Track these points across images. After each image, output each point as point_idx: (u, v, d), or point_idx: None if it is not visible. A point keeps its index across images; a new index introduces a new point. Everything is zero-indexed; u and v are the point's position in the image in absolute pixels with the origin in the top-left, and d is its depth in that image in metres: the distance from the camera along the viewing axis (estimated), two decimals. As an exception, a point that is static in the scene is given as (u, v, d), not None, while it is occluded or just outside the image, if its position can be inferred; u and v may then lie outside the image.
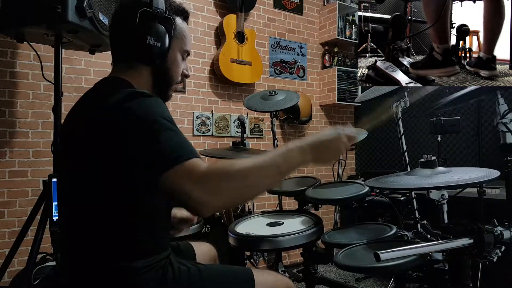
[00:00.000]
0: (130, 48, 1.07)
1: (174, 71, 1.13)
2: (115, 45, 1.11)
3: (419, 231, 2.00)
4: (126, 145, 0.88)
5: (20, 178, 2.31)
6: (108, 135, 0.91)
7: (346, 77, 3.72)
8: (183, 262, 1.09)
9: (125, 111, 0.90)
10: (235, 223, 1.71)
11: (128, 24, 1.05)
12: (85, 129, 0.96)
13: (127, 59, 1.09)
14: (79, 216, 0.98)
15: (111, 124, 0.91)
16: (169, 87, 1.15)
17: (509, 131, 1.65)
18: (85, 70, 2.57)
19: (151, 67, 1.09)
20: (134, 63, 1.08)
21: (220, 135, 3.19)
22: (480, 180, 1.24)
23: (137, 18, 1.03)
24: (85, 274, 0.96)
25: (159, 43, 1.04)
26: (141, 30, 1.03)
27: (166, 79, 1.12)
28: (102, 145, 0.91)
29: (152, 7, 1.04)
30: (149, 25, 1.04)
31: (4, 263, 1.76)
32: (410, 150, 2.42)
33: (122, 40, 1.08)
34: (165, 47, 1.06)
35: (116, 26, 1.10)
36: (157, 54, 1.06)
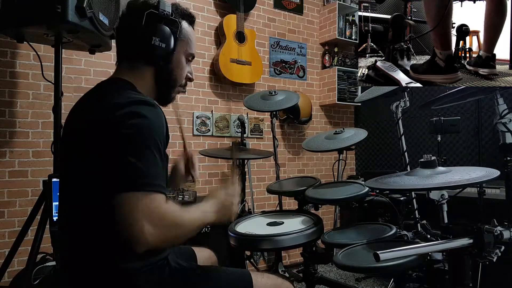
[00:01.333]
0: (135, 48, 1.08)
1: (178, 73, 1.14)
2: (121, 46, 1.12)
3: (419, 231, 2.00)
4: (114, 149, 0.89)
5: (20, 178, 2.31)
6: (103, 137, 0.91)
7: (346, 77, 3.72)
8: (181, 262, 1.10)
9: (118, 121, 0.91)
10: (235, 222, 1.71)
11: (134, 25, 1.06)
12: (84, 130, 0.97)
13: (131, 59, 1.10)
14: (76, 216, 0.98)
15: (107, 127, 0.91)
16: (172, 89, 1.16)
17: (508, 131, 1.65)
18: (85, 70, 2.57)
19: (154, 68, 1.10)
20: (138, 64, 1.09)
21: (220, 135, 3.19)
22: (481, 180, 1.24)
23: (143, 19, 1.05)
24: (83, 274, 0.96)
25: (164, 44, 1.06)
26: (147, 31, 1.05)
27: (169, 81, 1.13)
28: (97, 146, 0.92)
29: (159, 9, 1.06)
30: (155, 26, 1.06)
31: (4, 263, 1.76)
32: (410, 150, 2.42)
33: (128, 40, 1.10)
34: (170, 48, 1.08)
35: (123, 27, 1.11)
36: (162, 55, 1.07)
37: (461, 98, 1.95)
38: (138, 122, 0.91)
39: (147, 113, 0.93)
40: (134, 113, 0.92)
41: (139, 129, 0.91)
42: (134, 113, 0.92)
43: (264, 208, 3.34)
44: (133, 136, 0.90)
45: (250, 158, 2.91)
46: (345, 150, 2.09)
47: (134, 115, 0.91)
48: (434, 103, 1.94)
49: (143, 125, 0.92)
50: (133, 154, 0.88)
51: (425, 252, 1.26)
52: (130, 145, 0.89)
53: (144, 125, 0.92)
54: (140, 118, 0.92)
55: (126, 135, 0.90)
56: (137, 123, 0.91)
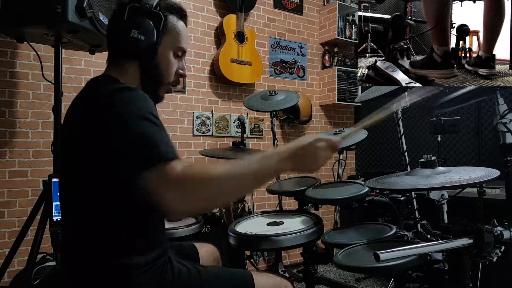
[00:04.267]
0: (117, 43, 1.07)
1: (164, 69, 1.10)
2: (107, 42, 1.10)
3: (419, 231, 2.00)
4: (109, 141, 0.88)
5: (20, 178, 2.31)
6: (94, 133, 0.90)
7: (346, 77, 3.72)
8: (183, 262, 1.09)
9: (106, 107, 0.89)
10: (235, 222, 1.71)
11: (117, 20, 1.05)
12: (77, 129, 0.97)
13: (116, 55, 1.08)
14: (77, 214, 0.98)
15: (95, 122, 0.90)
16: (159, 86, 1.11)
17: (508, 131, 1.65)
18: (85, 70, 2.57)
19: (138, 63, 1.07)
20: (122, 59, 1.07)
21: (220, 135, 3.19)
22: (481, 180, 1.24)
23: (125, 14, 1.03)
24: (84, 273, 0.96)
25: (143, 37, 1.02)
26: (126, 24, 1.03)
27: (155, 77, 1.09)
28: (91, 143, 0.91)
29: (141, 2, 1.04)
30: (134, 19, 1.03)
31: (4, 263, 1.76)
32: (410, 150, 2.42)
33: (112, 36, 1.08)
34: (150, 41, 1.04)
35: (109, 23, 1.10)
36: (143, 48, 1.03)
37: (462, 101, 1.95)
38: (125, 100, 0.90)
39: (129, 92, 0.92)
40: (118, 96, 0.90)
41: (126, 104, 0.89)
42: (117, 97, 0.90)
43: (264, 208, 3.34)
44: (123, 113, 0.88)
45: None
46: (345, 150, 2.09)
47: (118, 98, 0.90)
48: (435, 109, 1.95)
49: (130, 100, 0.90)
50: (130, 131, 0.86)
51: (425, 252, 1.26)
52: (124, 123, 0.87)
53: (131, 100, 0.90)
54: (124, 97, 0.90)
55: (114, 118, 0.88)
56: (124, 101, 0.90)
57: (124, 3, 1.06)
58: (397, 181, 1.43)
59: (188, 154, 3.02)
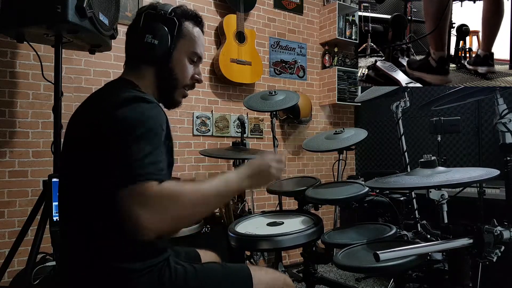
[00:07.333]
0: (133, 47, 1.12)
1: (180, 73, 1.13)
2: (125, 46, 1.15)
3: (419, 231, 2.00)
4: (108, 148, 0.89)
5: (20, 178, 2.31)
6: (99, 137, 0.92)
7: (346, 77, 3.72)
8: (180, 262, 1.09)
9: (111, 117, 0.91)
10: (235, 222, 1.71)
11: (135, 26, 1.11)
12: (84, 130, 0.98)
13: (133, 59, 1.13)
14: (76, 216, 0.99)
15: (103, 127, 0.92)
16: (174, 90, 1.15)
17: (508, 131, 1.65)
18: (85, 70, 2.57)
19: (154, 68, 1.11)
20: (138, 63, 1.11)
21: (220, 135, 3.19)
22: (481, 178, 1.24)
23: (141, 20, 1.09)
24: (83, 275, 0.96)
25: (157, 41, 1.07)
26: (141, 30, 1.08)
27: (170, 81, 1.13)
28: (95, 146, 0.92)
29: (157, 9, 1.09)
30: (149, 25, 1.08)
31: (4, 263, 1.76)
32: (410, 150, 2.43)
33: (129, 41, 1.14)
34: (165, 45, 1.08)
35: (127, 30, 1.15)
36: (157, 53, 1.08)
37: (461, 99, 1.95)
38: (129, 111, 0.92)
39: (141, 105, 0.94)
40: (130, 108, 0.92)
41: (129, 119, 0.91)
42: (129, 108, 0.92)
43: (264, 208, 3.34)
44: (122, 128, 0.89)
45: (250, 158, 2.91)
46: (345, 150, 2.09)
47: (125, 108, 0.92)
48: (434, 104, 1.94)
49: (134, 114, 0.91)
50: (121, 148, 0.87)
51: (425, 252, 1.26)
52: (117, 139, 0.89)
53: (135, 113, 0.92)
54: (131, 106, 0.92)
55: (115, 129, 0.90)
56: (132, 114, 0.91)
57: (140, 11, 1.12)
58: (397, 181, 1.43)
59: (188, 154, 3.02)
